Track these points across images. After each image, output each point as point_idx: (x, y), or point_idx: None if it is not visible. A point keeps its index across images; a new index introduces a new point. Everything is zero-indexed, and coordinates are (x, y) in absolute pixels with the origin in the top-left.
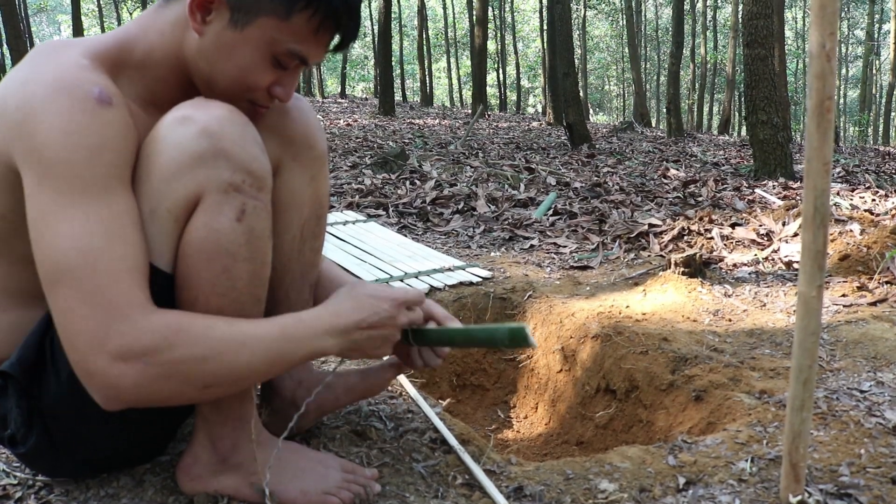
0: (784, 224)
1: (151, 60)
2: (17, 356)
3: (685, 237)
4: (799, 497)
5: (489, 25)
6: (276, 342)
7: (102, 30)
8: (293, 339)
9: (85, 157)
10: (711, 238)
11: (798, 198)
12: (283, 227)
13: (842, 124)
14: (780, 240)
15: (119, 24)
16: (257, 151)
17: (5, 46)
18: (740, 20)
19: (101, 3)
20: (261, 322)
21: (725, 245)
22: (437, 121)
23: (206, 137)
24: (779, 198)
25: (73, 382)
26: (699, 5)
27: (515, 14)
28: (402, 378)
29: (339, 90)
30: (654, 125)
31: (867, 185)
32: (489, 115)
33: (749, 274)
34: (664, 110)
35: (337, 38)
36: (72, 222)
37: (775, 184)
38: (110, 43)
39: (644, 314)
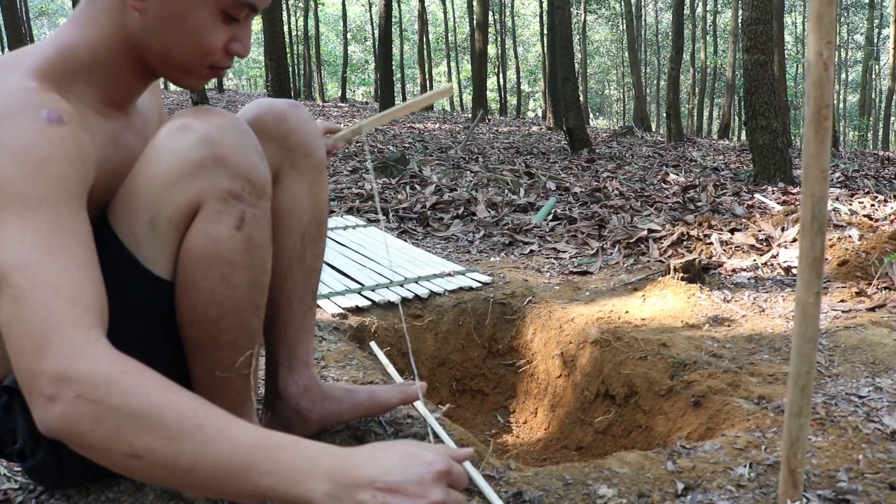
0: (783, 229)
1: (99, 58)
2: None
3: (684, 242)
4: (797, 503)
5: (489, 30)
6: (247, 451)
7: None
8: (273, 457)
9: (26, 174)
10: (711, 243)
11: (797, 203)
12: (283, 234)
13: (841, 129)
14: (779, 245)
15: None
16: (257, 159)
17: (6, 49)
18: (740, 25)
19: None
20: (239, 421)
21: (725, 250)
22: (438, 125)
23: (205, 145)
24: (778, 203)
25: None
26: (699, 10)
27: (516, 18)
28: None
29: (339, 94)
30: (653, 130)
31: (866, 190)
32: (489, 120)
33: (748, 279)
34: (664, 115)
35: None
36: (12, 236)
37: (774, 189)
38: (52, 53)
39: (643, 319)
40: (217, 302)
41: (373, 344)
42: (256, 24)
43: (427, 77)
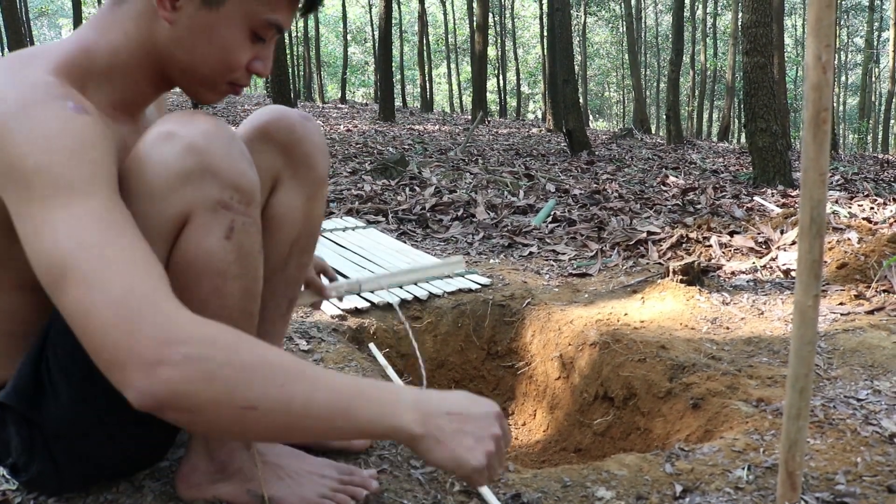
0: (782, 232)
1: (119, 63)
2: (13, 385)
3: (684, 245)
4: None
5: (489, 31)
6: (348, 391)
7: None
8: (366, 395)
9: (66, 159)
10: (710, 246)
11: (796, 205)
12: (272, 241)
13: (841, 132)
14: (778, 248)
15: None
16: (245, 166)
17: (6, 49)
18: (740, 28)
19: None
20: (331, 371)
21: (724, 253)
22: (437, 127)
23: (191, 154)
24: (777, 205)
25: (74, 405)
26: (699, 12)
27: (516, 20)
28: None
29: (339, 95)
30: (653, 132)
31: (865, 192)
32: (489, 122)
33: (747, 282)
34: (664, 117)
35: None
36: (64, 222)
37: (774, 191)
38: (73, 51)
39: (642, 322)
40: (209, 312)
41: (372, 346)
42: None
43: (427, 79)
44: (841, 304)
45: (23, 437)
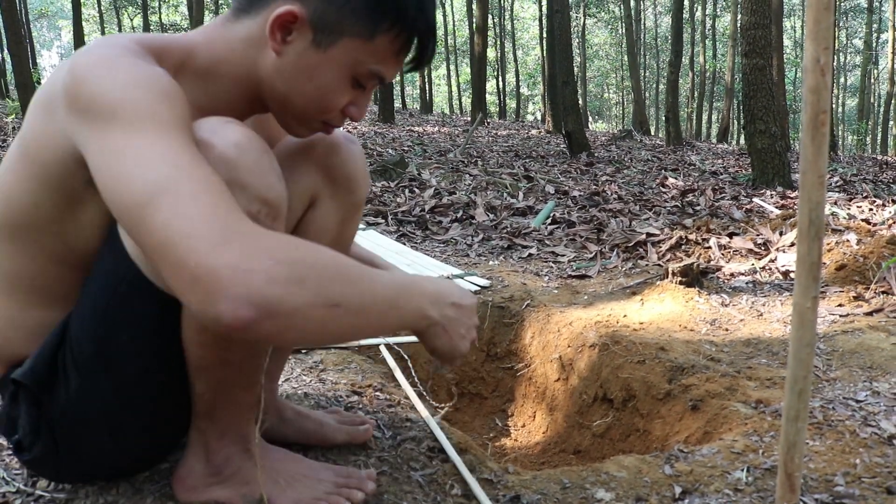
0: (781, 234)
1: (216, 72)
2: (31, 365)
3: (683, 246)
4: None
5: (489, 33)
6: (392, 289)
7: (103, 35)
8: (404, 291)
9: (153, 98)
10: (709, 247)
11: (795, 207)
12: None
13: (840, 133)
14: (777, 249)
15: (120, 29)
16: (274, 179)
17: (6, 51)
18: (739, 29)
19: (102, 8)
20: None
21: (723, 254)
22: (437, 128)
23: (223, 165)
24: (776, 207)
25: (82, 395)
26: (698, 14)
27: (515, 22)
28: (404, 384)
29: None
30: (652, 133)
31: (864, 194)
32: (488, 123)
33: (746, 283)
34: (663, 118)
35: (414, 56)
36: (152, 145)
37: (773, 193)
38: (169, 43)
39: (641, 323)
40: None
41: (383, 347)
42: None
43: (426, 80)
44: (840, 305)
45: (31, 417)
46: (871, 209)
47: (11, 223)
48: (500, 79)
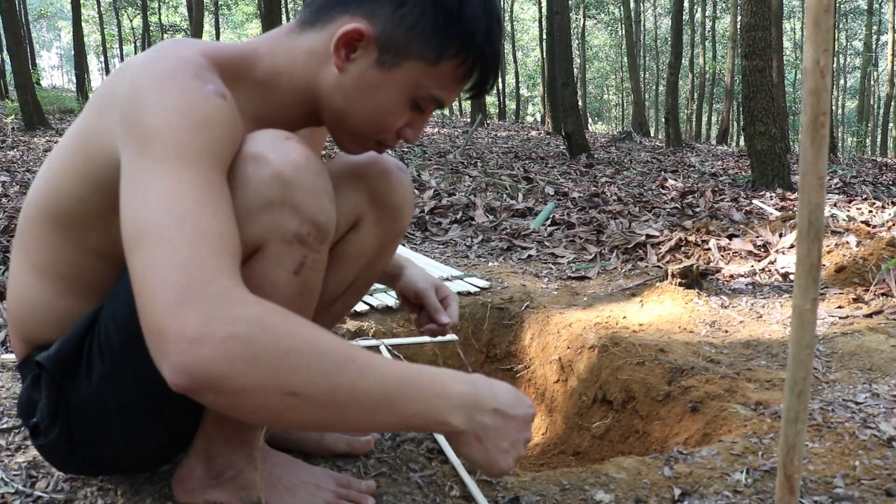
0: (781, 235)
1: (275, 83)
2: (56, 349)
3: (682, 248)
4: None
5: None
6: (393, 383)
7: (103, 37)
8: (416, 387)
9: (188, 128)
10: (709, 249)
11: (795, 209)
12: (332, 279)
13: (840, 135)
14: (776, 251)
15: (120, 30)
16: (326, 202)
17: (6, 52)
18: (739, 31)
19: (102, 9)
20: (379, 356)
21: (722, 256)
22: (436, 129)
23: (277, 184)
24: (776, 209)
25: (102, 385)
26: (698, 16)
27: (515, 23)
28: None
29: None
30: (652, 135)
31: (864, 196)
32: (488, 124)
33: (746, 285)
34: (663, 120)
35: (474, 85)
36: (163, 184)
37: (773, 194)
38: (232, 52)
39: (641, 325)
40: None
41: (383, 346)
42: (255, 28)
43: None
44: (839, 307)
45: (51, 401)
46: (870, 211)
47: (58, 213)
48: (500, 80)
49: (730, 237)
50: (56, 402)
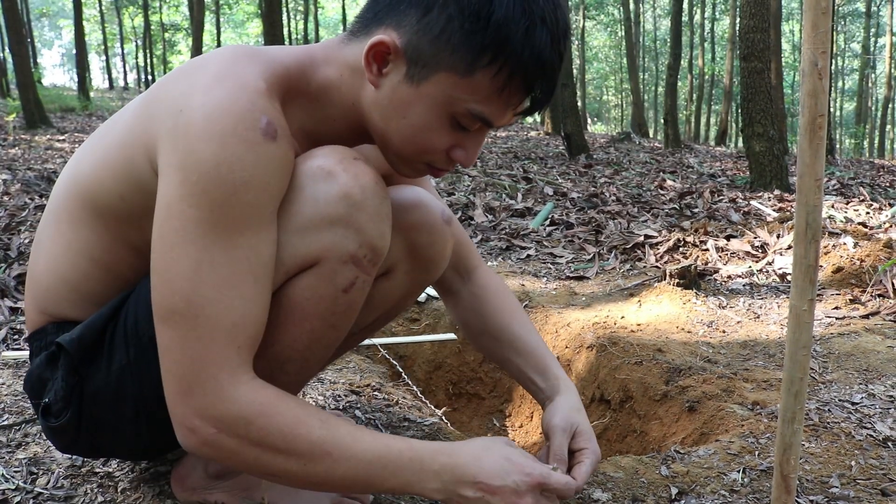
0: (778, 236)
1: (326, 97)
2: (79, 333)
3: (681, 248)
4: None
5: None
6: (369, 465)
7: (104, 36)
8: (392, 468)
9: (225, 194)
10: (707, 250)
11: (793, 210)
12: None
13: (838, 137)
14: (774, 252)
15: (121, 29)
16: (386, 228)
17: (7, 50)
18: (737, 33)
19: (103, 8)
20: (362, 434)
21: (720, 257)
22: None
23: (344, 203)
24: (774, 210)
25: (121, 376)
26: (697, 17)
27: None
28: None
29: None
30: (651, 136)
31: (862, 197)
32: None
33: (743, 286)
34: (662, 121)
35: (527, 100)
36: (188, 261)
37: (771, 195)
38: (292, 64)
39: (639, 325)
40: (294, 349)
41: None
42: (256, 27)
43: None
44: (836, 308)
45: (67, 385)
46: (868, 213)
47: (99, 205)
48: None
49: (728, 238)
50: (72, 386)
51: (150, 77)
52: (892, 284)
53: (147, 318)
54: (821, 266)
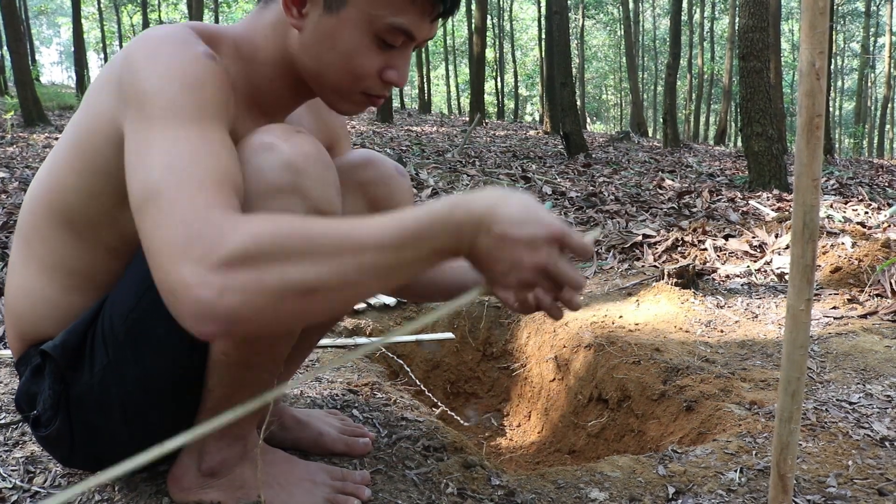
0: (777, 236)
1: (257, 61)
2: (62, 339)
3: (679, 248)
4: None
5: (488, 34)
6: (393, 236)
7: (103, 34)
8: (409, 244)
9: (181, 89)
10: (705, 249)
11: (791, 210)
12: None
13: (837, 136)
14: (772, 252)
15: (120, 27)
16: (333, 194)
17: (5, 48)
18: (737, 32)
19: (102, 6)
20: (370, 220)
21: (718, 256)
22: (435, 128)
23: (288, 171)
24: (772, 209)
25: (105, 377)
26: (696, 16)
27: (514, 23)
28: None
29: None
30: (650, 135)
31: (860, 197)
32: (487, 123)
33: (741, 285)
34: (661, 120)
35: (439, 5)
36: (161, 146)
37: (769, 195)
38: (220, 30)
39: (637, 324)
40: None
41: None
42: None
43: (425, 80)
44: (834, 307)
45: (54, 392)
46: (866, 212)
47: (68, 212)
48: (499, 79)
49: (726, 237)
50: (59, 393)
51: None
52: (890, 284)
53: (120, 314)
54: (819, 266)
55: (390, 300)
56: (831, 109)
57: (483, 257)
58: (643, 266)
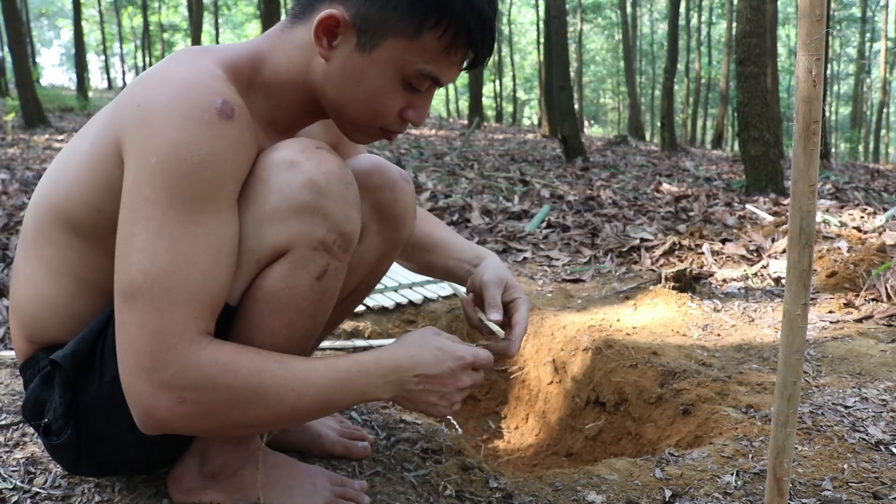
0: (773, 240)
1: (276, 82)
2: (72, 348)
3: (676, 252)
4: None
5: None
6: (328, 387)
7: (103, 36)
8: (346, 384)
9: (182, 175)
10: (702, 253)
11: (788, 214)
12: None
13: (833, 141)
14: (769, 256)
15: (120, 29)
16: (354, 213)
17: (7, 49)
18: (734, 37)
19: (102, 8)
20: (314, 364)
21: (715, 260)
22: (434, 132)
23: (309, 191)
24: (769, 214)
25: (113, 387)
26: (694, 21)
27: (513, 26)
28: None
29: None
30: (648, 139)
31: (856, 202)
32: (485, 127)
33: (738, 289)
34: (658, 124)
35: (470, 55)
36: (146, 240)
37: (766, 199)
38: (244, 57)
39: (634, 328)
40: (273, 342)
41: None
42: (255, 28)
43: None
44: (830, 312)
45: (65, 401)
46: (862, 217)
47: (77, 222)
48: (498, 83)
49: (723, 241)
50: (70, 401)
51: None
52: (886, 289)
53: None
54: (815, 270)
55: (389, 303)
56: (827, 114)
57: (413, 395)
58: (640, 270)
